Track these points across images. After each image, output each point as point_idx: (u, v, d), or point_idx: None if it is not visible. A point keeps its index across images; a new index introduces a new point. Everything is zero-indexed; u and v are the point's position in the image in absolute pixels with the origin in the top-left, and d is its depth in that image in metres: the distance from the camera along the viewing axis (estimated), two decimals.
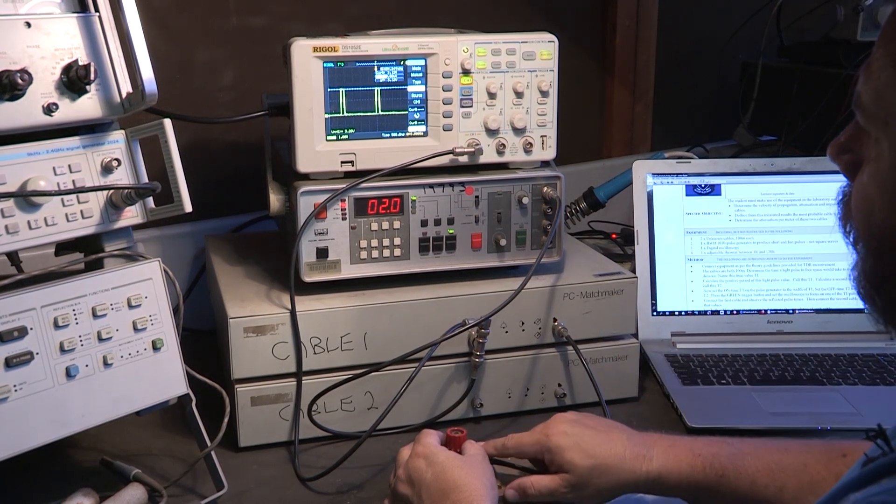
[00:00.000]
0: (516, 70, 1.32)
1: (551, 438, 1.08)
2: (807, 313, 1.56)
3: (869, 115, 0.74)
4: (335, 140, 1.28)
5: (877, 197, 0.74)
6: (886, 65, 0.72)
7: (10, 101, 0.97)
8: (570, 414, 1.13)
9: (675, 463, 1.04)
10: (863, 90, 0.74)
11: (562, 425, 1.10)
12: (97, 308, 1.02)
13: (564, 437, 1.08)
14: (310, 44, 1.24)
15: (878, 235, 0.75)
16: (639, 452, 1.05)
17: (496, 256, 1.36)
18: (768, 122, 2.12)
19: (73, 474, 1.19)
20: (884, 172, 0.73)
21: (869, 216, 0.75)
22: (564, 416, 1.12)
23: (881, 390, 1.38)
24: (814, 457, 1.02)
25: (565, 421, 1.10)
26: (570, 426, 1.09)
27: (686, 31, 2.27)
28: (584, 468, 1.05)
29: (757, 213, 1.58)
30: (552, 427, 1.10)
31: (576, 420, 1.11)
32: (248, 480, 1.19)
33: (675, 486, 1.04)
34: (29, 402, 0.97)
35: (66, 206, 1.02)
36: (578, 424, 1.10)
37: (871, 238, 0.76)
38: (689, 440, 1.08)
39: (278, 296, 1.29)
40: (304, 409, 1.25)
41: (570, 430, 1.09)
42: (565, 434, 1.08)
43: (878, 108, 0.73)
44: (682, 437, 1.09)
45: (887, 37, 0.72)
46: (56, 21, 1.02)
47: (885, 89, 0.72)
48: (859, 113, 0.75)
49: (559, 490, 1.07)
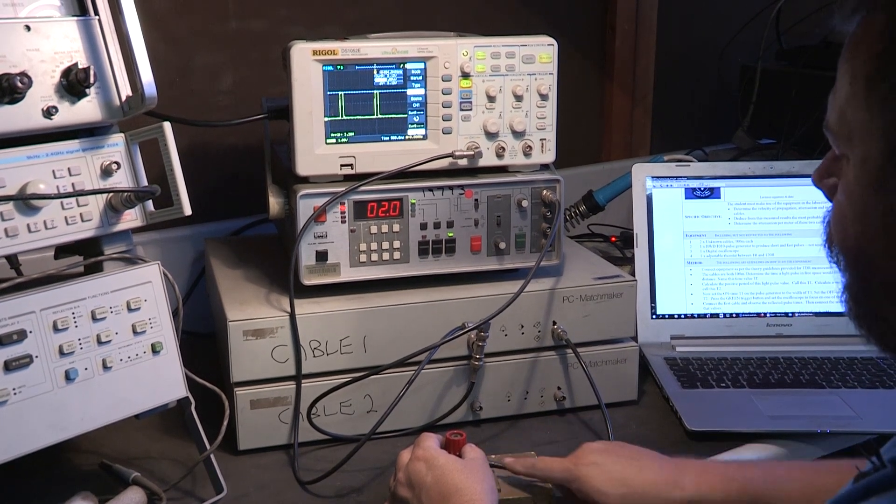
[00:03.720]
0: (516, 73, 1.32)
1: (580, 468, 1.08)
2: (806, 316, 1.56)
3: (836, 135, 0.77)
4: (335, 143, 1.28)
5: (848, 210, 0.77)
6: (844, 83, 0.75)
7: (9, 104, 0.97)
8: (599, 443, 1.13)
9: (708, 489, 1.04)
10: (829, 113, 0.78)
11: (591, 455, 1.09)
12: (96, 311, 1.02)
13: (594, 467, 1.07)
14: (309, 47, 1.24)
15: (853, 249, 0.77)
16: (671, 479, 1.05)
17: (495, 260, 1.36)
18: (767, 126, 2.12)
19: (72, 478, 1.19)
20: (852, 186, 0.76)
21: (844, 231, 0.78)
22: (593, 447, 1.11)
23: (880, 394, 1.38)
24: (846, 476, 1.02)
25: (594, 451, 1.10)
26: (600, 456, 1.09)
27: (685, 35, 2.27)
28: (616, 497, 1.05)
29: (756, 216, 1.58)
30: (581, 457, 1.09)
31: (605, 449, 1.10)
32: (248, 484, 1.18)
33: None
34: (28, 406, 0.97)
35: (66, 210, 1.02)
36: (608, 454, 1.09)
37: (848, 253, 0.78)
38: (722, 465, 1.08)
39: (278, 299, 1.29)
40: (304, 413, 1.25)
41: (599, 459, 1.08)
42: (595, 464, 1.08)
43: (843, 128, 0.76)
44: (714, 461, 1.09)
45: (844, 57, 0.76)
46: (56, 24, 1.02)
47: (846, 107, 0.75)
48: (829, 135, 0.78)
49: None
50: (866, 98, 0.73)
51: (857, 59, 0.74)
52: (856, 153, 0.75)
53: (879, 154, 0.72)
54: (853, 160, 0.75)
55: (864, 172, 0.74)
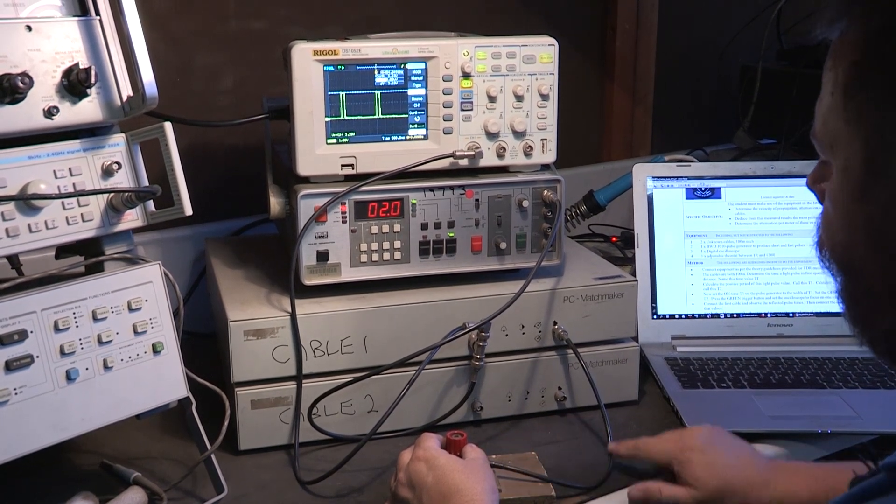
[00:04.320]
0: (516, 73, 1.32)
1: (685, 452, 1.13)
2: (807, 316, 1.56)
3: (821, 142, 0.78)
4: (335, 143, 1.28)
5: (833, 216, 0.78)
6: (826, 93, 0.76)
7: (10, 104, 0.97)
8: (705, 429, 1.18)
9: (794, 489, 1.08)
10: (815, 121, 0.79)
11: (697, 440, 1.14)
12: (97, 311, 1.02)
13: (698, 453, 1.13)
14: (310, 47, 1.24)
15: (839, 252, 0.78)
16: (764, 478, 1.10)
17: (496, 260, 1.36)
18: (768, 126, 2.12)
19: (72, 478, 1.19)
20: (835, 193, 0.77)
21: (832, 238, 0.79)
22: (699, 432, 1.16)
23: (881, 394, 1.38)
24: None
25: (700, 437, 1.15)
26: (705, 443, 1.14)
27: (686, 35, 2.27)
28: (712, 487, 1.10)
29: (757, 216, 1.58)
30: (687, 440, 1.15)
31: (710, 437, 1.15)
32: (248, 484, 1.18)
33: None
34: (29, 406, 0.97)
35: (67, 210, 1.02)
36: (712, 443, 1.14)
37: (835, 256, 0.79)
38: (814, 466, 1.11)
39: (278, 299, 1.29)
40: (305, 413, 1.25)
41: (704, 446, 1.13)
42: (699, 450, 1.13)
43: (825, 136, 0.77)
44: (807, 463, 1.13)
45: (827, 66, 0.76)
46: (57, 25, 1.02)
47: (828, 115, 0.76)
48: (815, 143, 0.79)
49: (685, 501, 1.11)
50: (845, 108, 0.74)
51: (837, 68, 0.75)
52: (838, 162, 0.76)
53: (859, 164, 0.73)
54: (836, 168, 0.76)
55: (846, 181, 0.75)
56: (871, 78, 0.71)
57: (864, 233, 0.74)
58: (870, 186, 0.72)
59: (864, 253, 0.75)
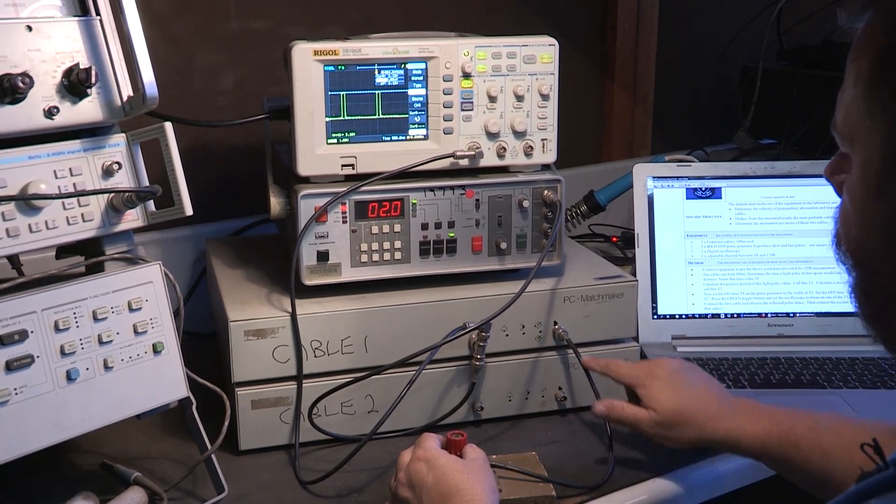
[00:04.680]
0: (517, 73, 1.32)
1: (650, 378, 1.18)
2: (807, 317, 1.56)
3: (841, 135, 0.77)
4: (336, 143, 1.28)
5: (851, 211, 0.77)
6: (849, 85, 0.75)
7: (11, 104, 0.97)
8: (676, 361, 1.24)
9: (751, 426, 1.12)
10: (837, 112, 0.78)
11: (664, 369, 1.19)
12: (98, 311, 1.02)
13: (663, 380, 1.18)
14: (310, 47, 1.24)
15: (857, 251, 0.77)
16: (722, 411, 1.14)
17: (497, 260, 1.36)
18: (769, 126, 2.12)
19: (73, 478, 1.19)
20: (854, 188, 0.76)
21: (848, 233, 0.78)
22: (668, 362, 1.22)
23: (882, 394, 1.38)
24: None
25: (668, 366, 1.20)
26: (671, 372, 1.19)
27: (686, 35, 2.27)
28: (670, 411, 1.15)
29: (757, 216, 1.58)
30: (654, 368, 1.20)
31: (679, 369, 1.20)
32: (249, 484, 1.18)
33: (748, 447, 1.12)
34: (29, 406, 0.97)
35: (67, 210, 1.02)
36: (680, 373, 1.19)
37: (851, 251, 0.78)
38: (773, 409, 1.14)
39: (279, 299, 1.29)
40: (305, 413, 1.25)
41: (669, 375, 1.19)
42: (664, 378, 1.18)
43: (847, 129, 0.76)
44: (767, 405, 1.15)
45: (851, 56, 0.75)
46: (57, 25, 1.02)
47: (850, 108, 0.75)
48: (835, 135, 0.78)
49: (643, 422, 1.17)
50: (868, 101, 0.72)
51: (862, 59, 0.73)
52: (858, 155, 0.74)
53: (880, 159, 0.72)
54: (855, 162, 0.75)
55: (865, 176, 0.74)
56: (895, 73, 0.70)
57: (881, 230, 0.73)
58: (888, 184, 0.71)
59: (881, 250, 0.74)
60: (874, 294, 0.77)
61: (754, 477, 1.26)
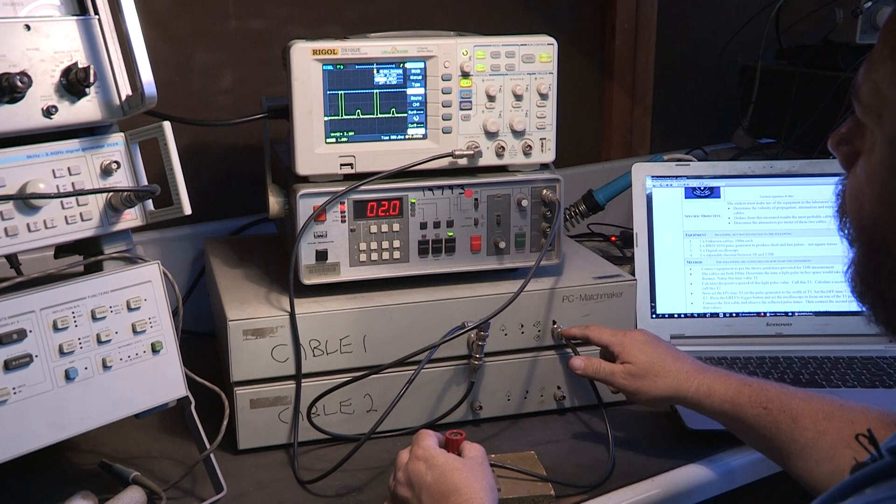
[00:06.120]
0: (515, 73, 1.32)
1: (627, 339, 1.25)
2: (806, 316, 1.56)
3: (865, 106, 0.74)
4: (335, 143, 1.28)
5: (867, 188, 0.75)
6: (885, 58, 0.72)
7: (9, 103, 0.97)
8: (652, 332, 1.28)
9: (723, 385, 1.15)
10: (862, 82, 0.75)
11: (643, 335, 1.26)
12: (96, 311, 1.02)
13: (639, 341, 1.24)
14: (309, 46, 1.24)
15: (868, 226, 0.76)
16: (696, 369, 1.19)
17: (495, 259, 1.36)
18: (767, 125, 2.12)
19: (72, 477, 1.19)
20: (874, 165, 0.74)
21: (860, 208, 0.76)
22: (646, 331, 1.28)
23: (880, 393, 1.38)
24: (865, 417, 1.06)
25: (646, 332, 1.27)
26: (648, 336, 1.25)
27: (685, 34, 2.27)
28: (644, 362, 1.21)
29: (756, 215, 1.58)
30: (632, 332, 1.27)
31: (656, 337, 1.26)
32: (247, 483, 1.18)
33: (719, 405, 1.15)
34: (28, 405, 0.97)
35: (66, 209, 1.02)
36: (657, 341, 1.25)
37: (862, 229, 0.77)
38: (745, 377, 1.17)
39: (277, 298, 1.29)
40: (304, 412, 1.25)
41: (645, 338, 1.25)
42: (640, 340, 1.24)
43: (874, 101, 0.73)
44: (742, 375, 1.18)
45: (888, 28, 0.73)
46: (55, 24, 1.02)
47: (883, 83, 0.72)
48: (857, 104, 0.75)
49: (618, 374, 1.23)
50: None
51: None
52: (885, 132, 0.72)
53: None
54: (881, 139, 0.72)
55: (890, 154, 0.71)
56: None
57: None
58: None
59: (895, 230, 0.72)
60: (881, 272, 0.75)
61: (753, 477, 1.26)
